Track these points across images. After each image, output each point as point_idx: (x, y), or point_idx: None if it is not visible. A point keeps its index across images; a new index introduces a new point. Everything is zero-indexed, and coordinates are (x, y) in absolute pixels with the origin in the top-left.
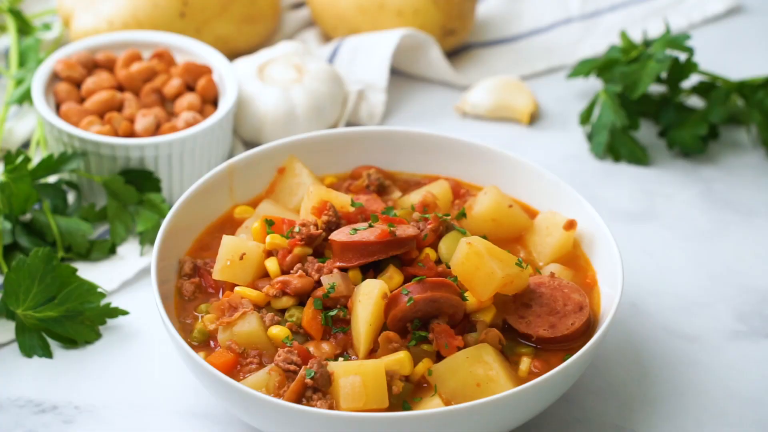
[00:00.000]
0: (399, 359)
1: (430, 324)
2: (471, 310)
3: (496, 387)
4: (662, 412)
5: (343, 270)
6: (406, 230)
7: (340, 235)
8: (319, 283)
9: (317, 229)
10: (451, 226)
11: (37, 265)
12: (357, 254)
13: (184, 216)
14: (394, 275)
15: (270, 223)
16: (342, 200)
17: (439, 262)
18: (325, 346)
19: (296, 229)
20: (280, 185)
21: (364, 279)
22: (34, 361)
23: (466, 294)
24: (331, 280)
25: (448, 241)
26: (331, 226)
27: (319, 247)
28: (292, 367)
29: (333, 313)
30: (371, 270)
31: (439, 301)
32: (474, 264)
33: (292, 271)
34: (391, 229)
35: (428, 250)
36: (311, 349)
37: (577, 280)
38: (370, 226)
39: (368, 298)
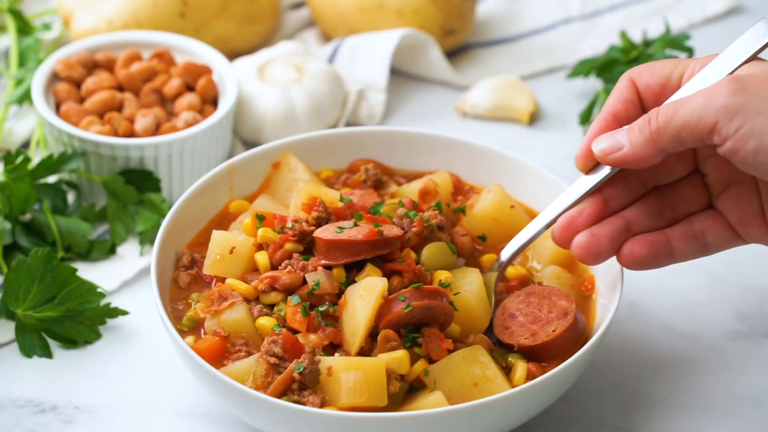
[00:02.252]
0: (398, 358)
1: (420, 329)
2: None
3: (494, 387)
4: (662, 412)
5: (327, 268)
6: (392, 230)
7: (326, 233)
8: (305, 280)
9: (309, 226)
10: (435, 231)
11: (37, 265)
12: (344, 253)
13: (184, 216)
14: (373, 274)
15: (260, 218)
16: (331, 196)
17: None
18: (313, 337)
19: (289, 225)
20: (275, 180)
21: (348, 277)
22: (34, 361)
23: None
24: (316, 277)
25: (431, 250)
26: (321, 222)
27: (309, 243)
28: (273, 360)
29: (324, 308)
30: (354, 268)
31: (433, 309)
32: (464, 309)
33: (280, 267)
34: (378, 228)
35: (407, 250)
36: (299, 339)
37: (576, 282)
38: (356, 224)
39: (371, 294)
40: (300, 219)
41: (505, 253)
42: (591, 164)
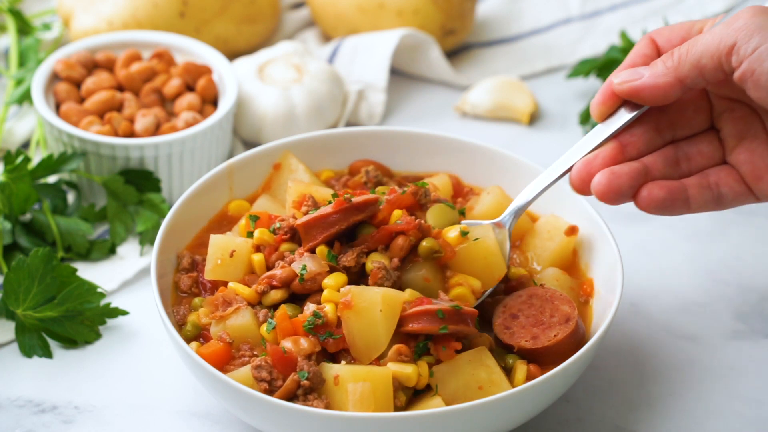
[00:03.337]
0: (407, 373)
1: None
2: None
3: (498, 391)
4: (662, 412)
5: (312, 252)
6: (362, 197)
7: (302, 219)
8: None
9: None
10: (429, 193)
11: (37, 265)
12: (320, 229)
13: (184, 216)
14: (370, 242)
15: (254, 219)
16: (323, 194)
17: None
18: (304, 342)
19: (277, 225)
20: (276, 181)
21: (330, 252)
22: (34, 361)
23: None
24: (300, 263)
25: (435, 210)
26: None
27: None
28: (264, 385)
29: (312, 325)
30: (336, 242)
31: (464, 332)
32: (482, 256)
33: (276, 266)
34: (346, 196)
35: (401, 211)
36: (288, 345)
37: (575, 284)
38: (329, 203)
39: (392, 310)
40: (287, 217)
41: (522, 198)
42: (608, 111)
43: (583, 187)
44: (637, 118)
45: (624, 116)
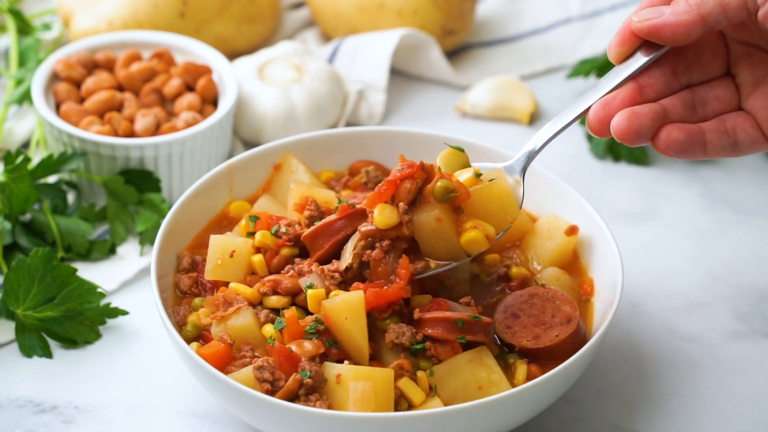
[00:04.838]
0: (414, 398)
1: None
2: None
3: (498, 391)
4: (662, 412)
5: (322, 263)
6: (364, 200)
7: (308, 229)
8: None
9: (302, 228)
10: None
11: (37, 265)
12: (326, 237)
13: (184, 216)
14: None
15: (254, 219)
16: (325, 195)
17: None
18: (308, 345)
19: (282, 229)
20: (276, 182)
21: (329, 258)
22: (34, 361)
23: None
24: (308, 280)
25: (446, 155)
26: (314, 221)
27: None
28: (266, 386)
29: (313, 330)
30: (344, 249)
31: (479, 341)
32: (497, 198)
33: (283, 271)
34: (349, 202)
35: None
36: (293, 347)
37: (575, 283)
38: (334, 212)
39: (356, 314)
40: (293, 222)
41: (535, 142)
42: (626, 53)
43: (601, 128)
44: (654, 61)
45: (642, 58)
